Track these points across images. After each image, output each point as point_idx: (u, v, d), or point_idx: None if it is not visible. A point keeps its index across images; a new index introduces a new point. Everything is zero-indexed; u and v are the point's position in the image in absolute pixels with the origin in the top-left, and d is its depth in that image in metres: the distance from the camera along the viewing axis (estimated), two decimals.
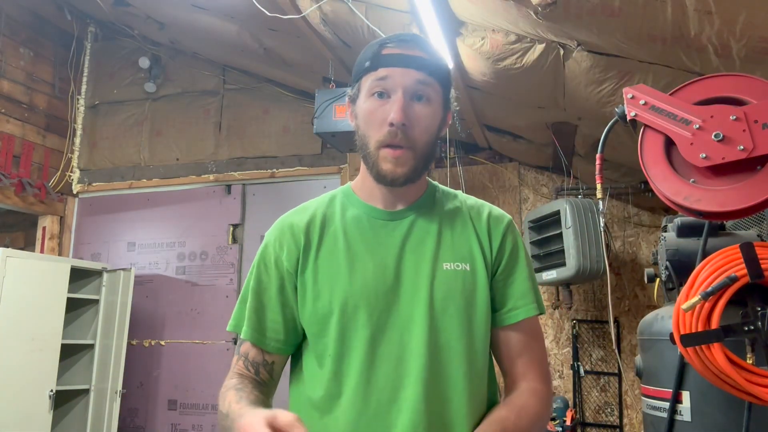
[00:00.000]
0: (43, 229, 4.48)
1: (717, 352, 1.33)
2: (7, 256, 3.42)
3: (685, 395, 1.56)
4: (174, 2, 3.47)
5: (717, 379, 1.36)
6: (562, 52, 2.11)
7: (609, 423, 3.40)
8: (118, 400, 3.80)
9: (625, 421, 3.38)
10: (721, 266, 1.39)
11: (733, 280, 1.35)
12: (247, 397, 0.92)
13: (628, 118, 1.34)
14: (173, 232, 4.39)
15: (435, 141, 1.00)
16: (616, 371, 3.42)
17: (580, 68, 2.12)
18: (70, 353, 3.86)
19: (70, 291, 3.73)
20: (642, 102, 1.32)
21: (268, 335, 1.01)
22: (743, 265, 1.36)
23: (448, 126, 1.06)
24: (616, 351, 3.45)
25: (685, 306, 1.37)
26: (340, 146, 3.40)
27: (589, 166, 3.25)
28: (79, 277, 3.92)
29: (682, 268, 1.67)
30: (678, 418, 1.57)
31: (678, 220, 1.72)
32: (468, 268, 0.99)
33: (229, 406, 0.91)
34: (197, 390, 4.10)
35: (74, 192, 4.62)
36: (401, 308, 0.96)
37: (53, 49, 4.58)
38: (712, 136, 1.22)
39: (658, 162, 1.29)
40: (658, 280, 1.87)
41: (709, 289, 1.36)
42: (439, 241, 1.00)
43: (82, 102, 4.73)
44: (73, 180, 4.63)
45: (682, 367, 1.56)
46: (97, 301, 3.98)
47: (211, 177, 4.35)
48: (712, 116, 1.24)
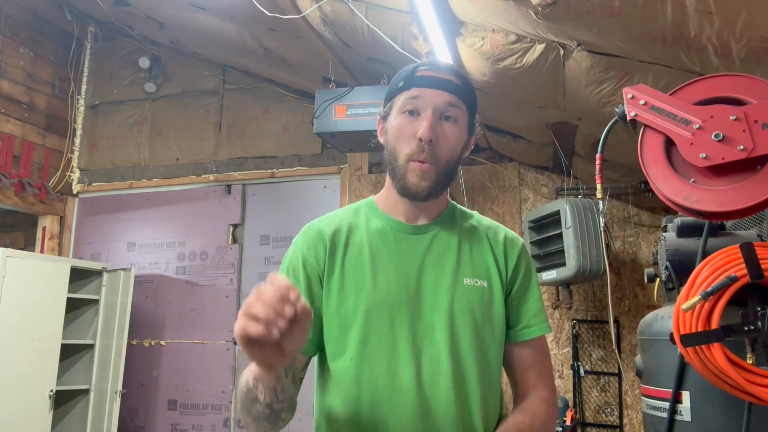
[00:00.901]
0: (43, 229, 4.48)
1: (717, 352, 1.33)
2: (7, 256, 3.42)
3: (685, 395, 1.56)
4: (174, 2, 3.47)
5: (717, 379, 1.36)
6: (562, 52, 2.11)
7: (609, 423, 3.40)
8: (118, 400, 3.80)
9: (625, 421, 3.38)
10: (721, 266, 1.39)
11: (733, 280, 1.35)
12: None
13: (628, 118, 1.34)
14: (173, 232, 4.39)
15: (458, 161, 1.06)
16: (616, 371, 3.42)
17: (580, 68, 2.12)
18: (70, 353, 3.86)
19: (70, 291, 3.74)
20: (642, 102, 1.32)
21: None
22: (743, 265, 1.36)
23: (470, 150, 1.11)
24: (616, 351, 3.45)
25: (685, 306, 1.37)
26: (340, 146, 3.40)
27: (589, 166, 3.25)
28: (79, 277, 3.93)
29: (682, 268, 1.67)
30: (678, 418, 1.57)
31: (678, 220, 1.72)
32: (485, 285, 1.05)
33: (246, 374, 0.95)
34: (197, 390, 4.10)
35: (74, 192, 4.62)
36: (423, 317, 1.00)
37: (53, 49, 4.58)
38: (712, 136, 1.22)
39: (658, 162, 1.29)
40: (658, 280, 1.87)
41: (709, 289, 1.36)
42: (459, 257, 1.06)
43: (82, 102, 4.73)
44: (73, 180, 4.63)
45: (682, 367, 1.56)
46: (97, 301, 3.98)
47: (211, 177, 4.35)
48: (712, 116, 1.24)
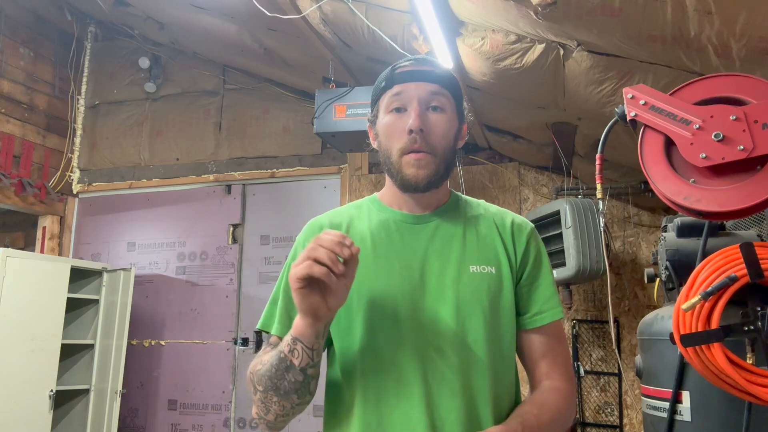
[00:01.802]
0: (43, 229, 4.48)
1: (717, 352, 1.33)
2: (7, 256, 3.42)
3: (685, 395, 1.56)
4: (174, 2, 3.47)
5: (717, 379, 1.36)
6: (562, 52, 2.11)
7: (609, 423, 3.40)
8: (118, 400, 3.80)
9: (625, 421, 3.38)
10: (721, 266, 1.39)
11: (733, 280, 1.35)
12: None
13: (628, 118, 1.34)
14: (173, 232, 4.39)
15: (454, 148, 1.06)
16: (616, 371, 3.42)
17: (580, 68, 2.12)
18: (70, 353, 3.86)
19: (70, 291, 3.74)
20: (642, 102, 1.32)
21: None
22: (743, 265, 1.36)
23: (465, 138, 1.11)
24: (616, 351, 3.45)
25: (685, 306, 1.37)
26: (340, 146, 3.40)
27: (589, 166, 3.25)
28: (79, 277, 3.93)
29: (682, 268, 1.67)
30: (678, 418, 1.57)
31: (678, 220, 1.72)
32: (494, 271, 1.03)
33: (271, 353, 0.96)
34: (197, 390, 4.10)
35: (74, 192, 4.62)
36: (427, 307, 0.99)
37: (53, 49, 4.58)
38: (712, 136, 1.22)
39: (658, 162, 1.29)
40: (658, 280, 1.87)
41: (709, 289, 1.36)
42: (465, 245, 1.04)
43: (82, 102, 4.73)
44: (73, 180, 4.63)
45: (682, 367, 1.56)
46: (97, 301, 3.98)
47: (211, 177, 4.35)
48: (712, 116, 1.24)
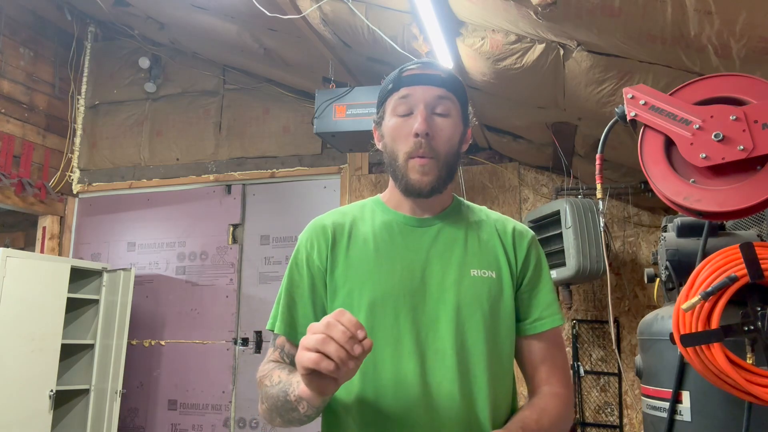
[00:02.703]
0: (43, 229, 4.48)
1: (717, 352, 1.33)
2: (7, 256, 3.42)
3: (685, 395, 1.56)
4: (174, 2, 3.47)
5: (717, 379, 1.36)
6: (562, 52, 2.11)
7: (609, 423, 3.40)
8: (118, 400, 3.80)
9: (625, 421, 3.38)
10: (721, 266, 1.39)
11: (733, 280, 1.35)
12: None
13: (628, 118, 1.34)
14: (173, 232, 4.39)
15: (457, 153, 1.06)
16: (616, 371, 3.42)
17: (580, 68, 2.12)
18: (70, 353, 3.86)
19: (70, 291, 3.74)
20: (642, 102, 1.32)
21: (299, 330, 1.06)
22: (743, 265, 1.36)
23: (469, 142, 1.11)
24: (616, 351, 3.45)
25: (685, 306, 1.37)
26: (340, 146, 3.40)
27: (589, 166, 3.25)
28: (79, 277, 3.93)
29: (682, 268, 1.67)
30: (678, 418, 1.57)
31: (678, 220, 1.72)
32: (494, 276, 1.04)
33: (280, 377, 0.96)
34: (197, 390, 4.10)
35: (74, 192, 4.62)
36: (427, 309, 1.00)
37: (53, 49, 4.58)
38: (712, 136, 1.22)
39: (658, 162, 1.29)
40: (658, 280, 1.87)
41: (709, 289, 1.36)
42: (466, 249, 1.05)
43: (82, 102, 4.73)
44: (73, 180, 4.63)
45: (682, 367, 1.56)
46: (97, 301, 3.98)
47: (211, 177, 4.35)
48: (712, 116, 1.24)
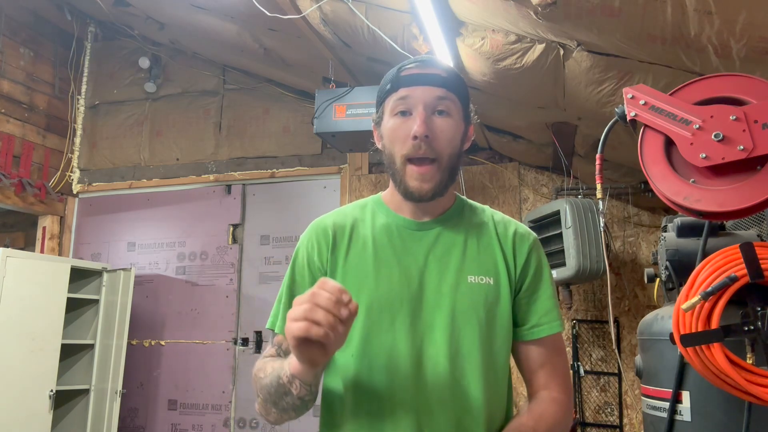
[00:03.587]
0: (43, 229, 4.48)
1: (717, 352, 1.33)
2: (7, 256, 3.42)
3: (685, 395, 1.56)
4: (174, 2, 3.47)
5: (717, 379, 1.36)
6: (562, 52, 2.11)
7: (609, 423, 3.40)
8: (118, 400, 3.80)
9: (625, 421, 3.38)
10: (721, 266, 1.39)
11: (733, 280, 1.35)
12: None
13: (628, 118, 1.34)
14: (173, 232, 4.39)
15: (459, 154, 1.04)
16: (616, 371, 3.42)
17: (580, 68, 2.12)
18: (70, 353, 3.86)
19: (70, 291, 3.73)
20: (642, 102, 1.32)
21: None
22: (743, 265, 1.36)
23: (471, 140, 1.09)
24: (616, 351, 3.45)
25: (685, 306, 1.37)
26: (340, 146, 3.40)
27: (589, 166, 3.25)
28: (79, 277, 3.93)
29: (682, 268, 1.67)
30: (678, 418, 1.57)
31: (678, 220, 1.72)
32: (492, 282, 1.02)
33: (273, 366, 0.96)
34: (197, 390, 4.10)
35: (74, 192, 4.62)
36: (424, 315, 0.99)
37: (53, 49, 4.58)
38: (712, 136, 1.22)
39: (658, 162, 1.29)
40: (658, 280, 1.87)
41: (709, 289, 1.36)
42: (465, 254, 1.04)
43: (82, 102, 4.73)
44: (73, 180, 4.63)
45: (682, 367, 1.56)
46: (97, 301, 3.98)
47: (211, 177, 4.35)
48: (712, 116, 1.24)
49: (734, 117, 1.22)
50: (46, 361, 3.56)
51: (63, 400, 3.80)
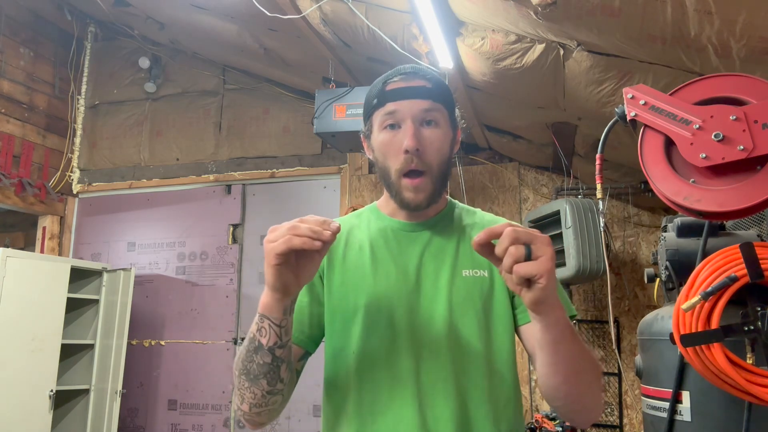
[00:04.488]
0: (43, 229, 4.48)
1: (717, 352, 1.33)
2: (7, 256, 3.42)
3: (685, 395, 1.56)
4: (174, 2, 3.47)
5: (717, 379, 1.36)
6: (562, 52, 2.11)
7: (609, 423, 3.40)
8: (118, 400, 3.80)
9: (625, 421, 3.38)
10: (721, 266, 1.39)
11: (733, 280, 1.35)
12: None
13: (628, 118, 1.34)
14: (173, 232, 4.39)
15: (449, 161, 1.07)
16: (616, 371, 3.42)
17: (580, 68, 2.12)
18: (70, 353, 3.86)
19: (70, 291, 3.74)
20: (642, 102, 1.32)
21: (292, 333, 1.05)
22: (743, 265, 1.36)
23: (459, 143, 1.12)
24: (616, 351, 3.45)
25: (685, 306, 1.37)
26: (340, 146, 3.40)
27: (589, 166, 3.26)
28: (79, 277, 3.92)
29: (682, 268, 1.67)
30: (678, 418, 1.57)
31: (678, 220, 1.72)
32: (486, 275, 1.05)
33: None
34: (197, 390, 4.10)
35: (74, 192, 4.62)
36: (422, 308, 1.01)
37: (53, 49, 4.58)
38: (712, 136, 1.22)
39: (658, 162, 1.29)
40: (658, 280, 1.87)
41: (709, 289, 1.36)
42: (458, 251, 1.06)
43: (82, 102, 4.73)
44: (73, 180, 4.63)
45: (682, 367, 1.56)
46: (97, 301, 3.98)
47: (211, 177, 4.35)
48: (712, 116, 1.24)
49: (734, 117, 1.22)
50: (46, 361, 3.56)
51: (63, 400, 3.80)
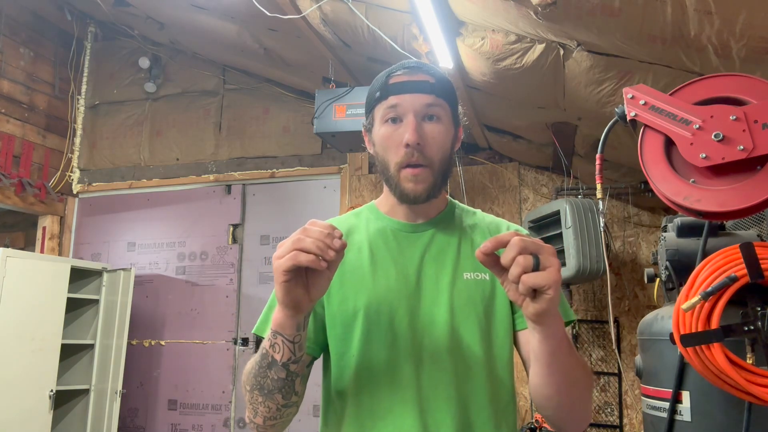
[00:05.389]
0: (43, 229, 4.48)
1: (717, 352, 1.33)
2: (7, 256, 3.42)
3: (685, 395, 1.56)
4: (174, 2, 3.47)
5: (717, 379, 1.36)
6: (562, 52, 2.11)
7: (609, 423, 3.40)
8: (118, 400, 3.80)
9: (625, 421, 3.38)
10: (721, 266, 1.39)
11: (733, 280, 1.35)
12: None
13: (628, 118, 1.34)
14: (173, 232, 4.39)
15: (450, 157, 1.06)
16: (616, 371, 3.42)
17: (580, 68, 2.12)
18: (70, 353, 3.86)
19: (70, 291, 3.74)
20: (642, 102, 1.32)
21: None
22: (743, 265, 1.36)
23: (460, 141, 1.11)
24: (616, 351, 3.45)
25: (685, 306, 1.37)
26: (340, 146, 3.40)
27: (589, 166, 3.26)
28: (79, 277, 3.93)
29: (682, 268, 1.67)
30: (678, 418, 1.57)
31: (678, 220, 1.72)
32: (487, 278, 1.03)
33: (257, 354, 0.95)
34: (197, 390, 4.10)
35: (74, 192, 4.62)
36: (423, 312, 1.00)
37: (53, 49, 4.58)
38: (712, 136, 1.22)
39: (658, 162, 1.29)
40: (658, 280, 1.87)
41: (709, 289, 1.36)
42: (459, 253, 1.05)
43: (82, 102, 4.73)
44: (73, 180, 4.63)
45: (682, 367, 1.56)
46: (97, 301, 3.98)
47: (211, 177, 4.35)
48: (712, 116, 1.24)
49: (734, 117, 1.22)
50: (46, 361, 3.56)
51: (63, 400, 3.80)
